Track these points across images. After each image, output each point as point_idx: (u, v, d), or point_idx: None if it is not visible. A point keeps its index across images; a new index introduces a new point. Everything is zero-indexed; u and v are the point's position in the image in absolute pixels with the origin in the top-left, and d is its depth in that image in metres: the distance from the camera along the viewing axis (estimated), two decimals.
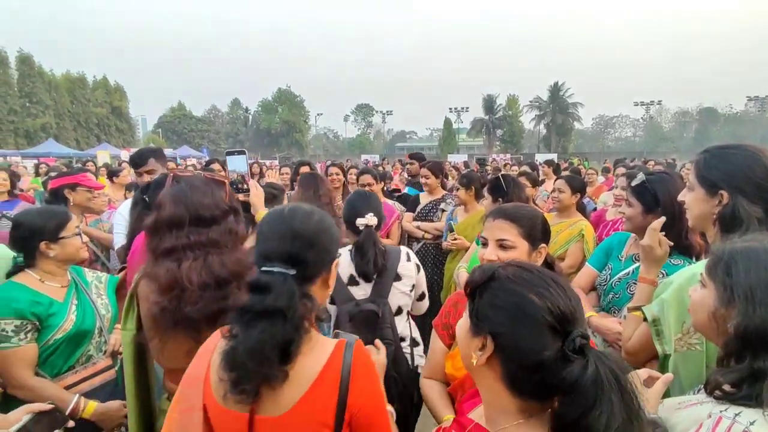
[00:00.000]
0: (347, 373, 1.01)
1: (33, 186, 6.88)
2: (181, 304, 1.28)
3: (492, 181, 2.79)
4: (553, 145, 53.81)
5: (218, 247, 1.35)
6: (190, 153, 29.44)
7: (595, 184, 6.32)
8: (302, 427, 0.99)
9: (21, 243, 1.86)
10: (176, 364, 1.38)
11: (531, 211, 1.51)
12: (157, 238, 1.35)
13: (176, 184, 1.42)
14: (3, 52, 33.08)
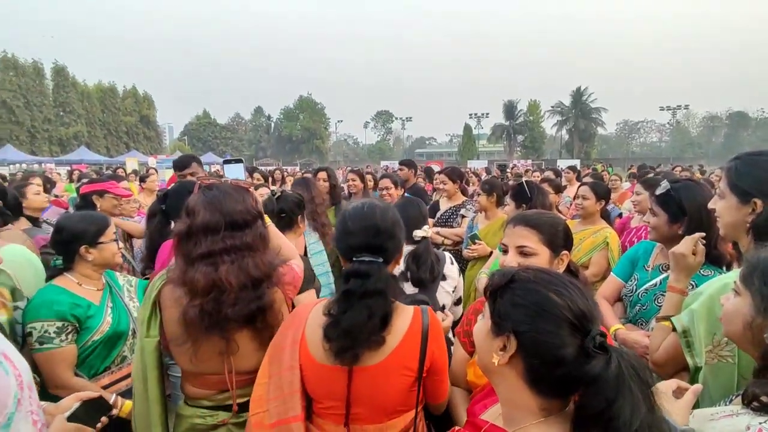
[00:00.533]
0: (426, 330, 1.26)
1: (66, 192, 7.14)
2: (220, 306, 1.35)
3: (516, 188, 2.76)
4: (575, 151, 52.89)
5: (251, 250, 1.41)
6: (214, 160, 30.12)
7: (620, 190, 6.19)
8: (393, 372, 1.24)
9: (62, 246, 1.91)
10: (206, 367, 1.44)
11: (552, 217, 1.49)
12: (190, 243, 1.38)
13: (208, 191, 1.46)
14: (39, 63, 34.64)
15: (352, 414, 1.27)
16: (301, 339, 1.29)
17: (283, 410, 1.28)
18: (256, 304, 1.39)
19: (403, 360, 1.24)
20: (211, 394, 1.49)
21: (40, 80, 34.70)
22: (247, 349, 1.44)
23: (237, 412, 1.49)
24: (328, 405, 1.30)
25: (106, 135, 39.45)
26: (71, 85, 36.81)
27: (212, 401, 1.50)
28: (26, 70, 33.54)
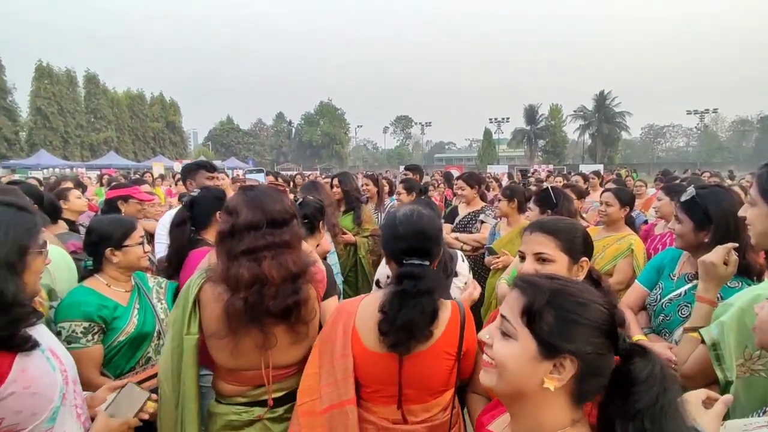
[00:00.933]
0: (463, 320, 1.44)
1: (95, 196, 7.36)
2: (262, 298, 1.42)
3: (540, 193, 2.73)
4: (598, 156, 51.80)
5: (289, 248, 1.49)
6: (237, 164, 30.72)
7: (645, 196, 6.02)
8: (437, 357, 1.40)
9: (91, 248, 1.95)
10: (244, 362, 1.50)
11: (570, 224, 1.47)
12: (234, 240, 1.45)
13: (249, 192, 1.54)
14: (72, 72, 36.03)
15: (403, 396, 1.43)
16: (353, 330, 1.43)
17: (336, 395, 1.41)
18: (293, 298, 1.46)
19: (445, 346, 1.41)
20: (246, 390, 1.54)
21: (73, 88, 36.03)
22: (283, 343, 1.51)
23: (272, 406, 1.54)
24: (377, 389, 1.44)
25: (134, 140, 40.66)
26: (102, 92, 38.15)
27: (246, 397, 1.54)
28: (60, 78, 34.91)
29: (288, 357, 1.55)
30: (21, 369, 1.12)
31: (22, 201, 1.27)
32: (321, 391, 1.42)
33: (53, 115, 33.71)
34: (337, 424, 1.40)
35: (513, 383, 0.83)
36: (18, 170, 20.27)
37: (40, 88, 33.52)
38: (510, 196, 3.41)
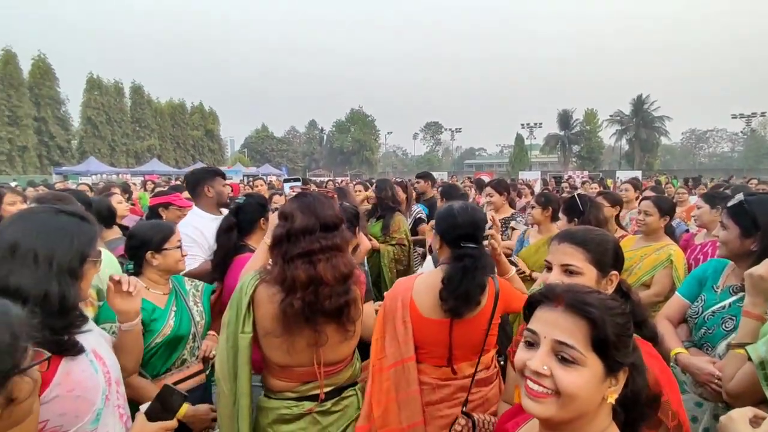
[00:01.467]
0: (497, 292, 1.74)
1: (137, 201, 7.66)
2: (318, 298, 1.51)
3: (567, 201, 2.62)
4: (636, 162, 49.94)
5: (340, 251, 1.60)
6: (270, 171, 31.52)
7: (686, 204, 5.72)
8: (479, 324, 1.72)
9: (133, 252, 2.01)
10: (297, 359, 1.59)
11: (601, 234, 1.42)
12: (289, 244, 1.54)
13: (303, 198, 1.66)
14: (120, 83, 38.01)
15: (453, 356, 1.72)
16: (410, 302, 1.72)
17: (398, 354, 1.71)
18: (345, 297, 1.57)
19: (487, 313, 1.72)
20: (296, 385, 1.63)
21: (120, 98, 37.88)
22: (333, 341, 1.60)
23: (322, 400, 1.64)
24: (430, 350, 1.74)
25: (175, 148, 42.30)
26: (146, 102, 39.90)
27: (296, 392, 1.63)
28: (109, 89, 36.82)
29: (337, 354, 1.65)
30: (65, 372, 1.14)
31: (83, 211, 1.33)
32: (386, 351, 1.72)
33: (102, 124, 35.55)
34: (399, 377, 1.71)
35: (579, 410, 0.81)
36: (70, 176, 21.54)
37: (90, 99, 35.47)
38: (544, 204, 3.30)
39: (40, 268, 1.13)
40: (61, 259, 1.16)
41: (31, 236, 1.16)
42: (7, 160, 29.73)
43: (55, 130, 33.16)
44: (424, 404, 1.74)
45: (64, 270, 1.16)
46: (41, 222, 1.20)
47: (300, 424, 1.62)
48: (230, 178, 20.83)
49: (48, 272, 1.13)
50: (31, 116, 31.20)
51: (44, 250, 1.15)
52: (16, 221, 1.22)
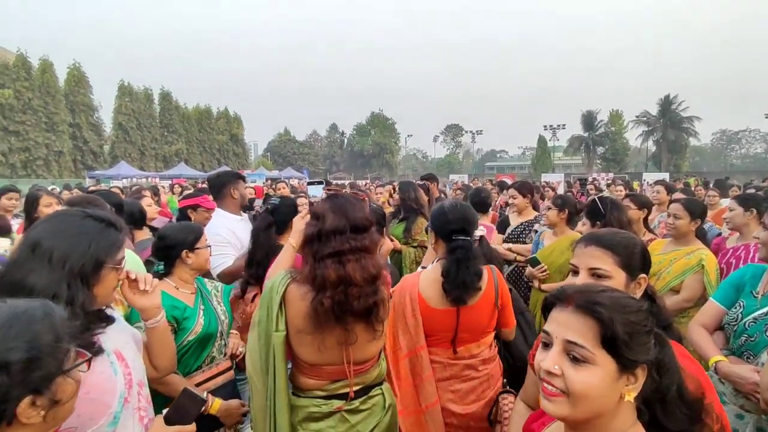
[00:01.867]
0: (497, 278, 1.99)
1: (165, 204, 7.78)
2: (348, 298, 1.52)
3: (589, 204, 2.56)
4: (663, 164, 48.43)
5: (369, 252, 1.60)
6: (292, 174, 32.03)
7: (717, 207, 5.45)
8: (483, 306, 1.95)
9: (164, 252, 2.04)
10: (327, 357, 1.60)
11: (628, 237, 1.39)
12: (320, 244, 1.56)
13: (334, 199, 1.67)
14: (149, 90, 39.29)
15: (458, 338, 1.96)
16: (418, 296, 1.95)
17: (411, 344, 1.96)
18: (374, 298, 1.57)
19: (488, 298, 1.95)
20: (324, 384, 1.63)
21: (149, 104, 39.05)
22: (362, 340, 1.60)
23: (351, 399, 1.64)
24: (439, 336, 1.97)
25: (201, 152, 43.20)
26: (174, 108, 41.02)
27: (325, 391, 1.63)
28: (139, 96, 38.02)
29: (366, 353, 1.65)
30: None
31: (113, 217, 1.32)
32: (400, 344, 1.96)
33: (132, 129, 36.69)
34: (414, 365, 1.95)
35: (593, 409, 0.81)
36: (102, 180, 22.48)
37: (121, 105, 36.63)
38: (561, 206, 3.26)
39: (54, 270, 1.13)
40: (74, 263, 1.15)
41: (52, 237, 1.17)
42: (45, 165, 31.05)
43: (89, 135, 34.46)
44: (438, 380, 1.96)
45: (76, 273, 1.15)
46: (65, 224, 1.21)
47: (329, 422, 1.63)
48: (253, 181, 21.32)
49: (60, 274, 1.13)
50: (66, 122, 32.50)
51: (59, 252, 1.15)
52: (45, 221, 1.24)
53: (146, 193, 4.56)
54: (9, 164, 29.42)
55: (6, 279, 1.12)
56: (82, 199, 2.75)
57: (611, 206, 2.51)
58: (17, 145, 29.67)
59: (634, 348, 0.79)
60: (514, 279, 3.83)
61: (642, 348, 0.80)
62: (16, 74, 29.77)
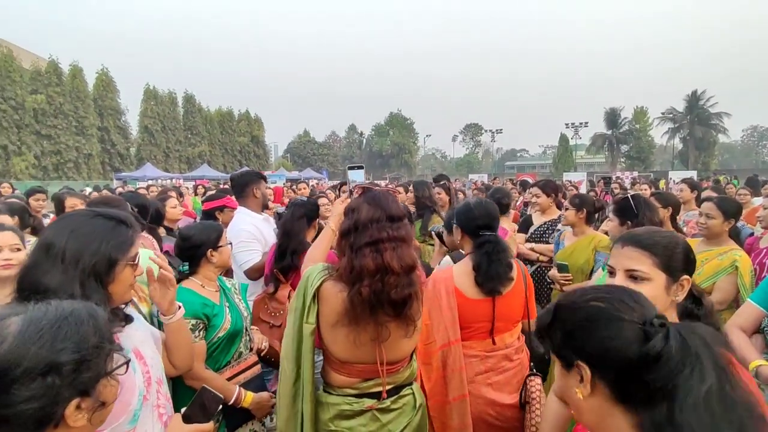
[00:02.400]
0: (524, 270, 2.16)
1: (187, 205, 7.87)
2: (385, 287, 1.50)
3: (620, 202, 2.45)
4: (691, 161, 46.95)
5: (405, 242, 1.59)
6: (312, 175, 32.38)
7: (749, 206, 5.30)
8: (516, 295, 2.08)
9: (189, 252, 2.08)
10: (359, 354, 1.59)
11: (669, 236, 1.31)
12: (357, 234, 1.56)
13: (368, 192, 1.70)
14: (173, 93, 40.22)
15: (495, 327, 2.04)
16: (454, 289, 2.01)
17: (446, 337, 1.99)
18: (410, 289, 1.54)
19: (519, 288, 2.08)
20: (356, 382, 1.63)
21: (173, 108, 39.89)
22: (395, 336, 1.58)
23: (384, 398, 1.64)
24: (476, 327, 2.03)
25: (223, 154, 43.93)
26: (197, 110, 41.77)
27: (356, 389, 1.63)
28: (164, 99, 38.94)
29: (398, 352, 1.64)
30: None
31: (123, 215, 1.31)
32: (434, 336, 2.00)
33: (157, 132, 37.61)
34: (447, 357, 1.98)
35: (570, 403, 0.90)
36: (128, 181, 23.13)
37: (147, 108, 37.61)
38: (579, 206, 3.21)
39: (68, 270, 1.13)
40: (86, 262, 1.16)
41: (64, 237, 1.17)
42: (75, 167, 32.15)
43: (116, 138, 35.48)
44: (475, 374, 2.01)
45: (89, 272, 1.15)
46: (75, 224, 1.21)
47: (360, 420, 1.63)
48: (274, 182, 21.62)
49: (73, 274, 1.14)
50: (95, 126, 33.53)
51: (71, 251, 1.15)
52: (56, 222, 1.25)
53: (172, 194, 4.67)
54: (42, 167, 30.55)
55: (25, 280, 1.14)
56: (102, 200, 2.81)
57: (644, 206, 2.38)
58: (49, 149, 30.77)
59: (564, 342, 0.85)
60: (536, 279, 3.78)
61: (576, 343, 0.83)
62: (48, 80, 30.89)
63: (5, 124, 28.12)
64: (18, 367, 0.76)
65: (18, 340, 0.78)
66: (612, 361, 0.78)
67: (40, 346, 0.79)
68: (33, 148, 29.82)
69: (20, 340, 0.79)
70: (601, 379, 0.80)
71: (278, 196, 8.49)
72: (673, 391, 0.71)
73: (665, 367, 0.72)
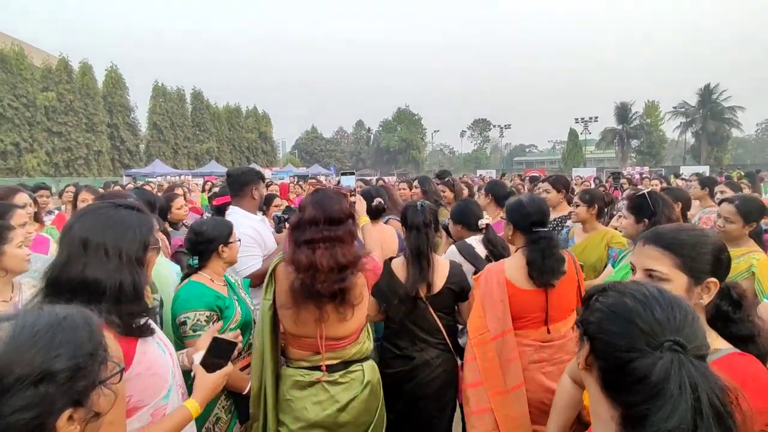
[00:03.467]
0: (575, 261, 2.19)
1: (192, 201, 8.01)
2: (314, 282, 1.73)
3: (635, 199, 2.36)
4: (703, 156, 46.21)
5: (342, 242, 1.78)
6: (320, 171, 32.41)
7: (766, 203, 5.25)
8: (568, 285, 2.12)
9: (200, 247, 2.11)
10: (305, 330, 1.84)
11: (696, 235, 1.24)
12: (299, 232, 1.79)
13: (316, 194, 1.89)
14: (181, 90, 40.43)
15: (549, 317, 2.08)
16: (506, 281, 2.06)
17: (500, 327, 2.05)
18: (339, 285, 1.75)
19: (571, 277, 2.13)
20: (308, 355, 1.87)
21: (182, 104, 40.10)
22: (334, 319, 1.81)
23: (326, 371, 1.86)
24: (529, 317, 2.08)
25: (231, 150, 44.11)
26: (205, 107, 41.97)
27: (308, 362, 1.87)
28: (172, 96, 39.18)
29: (339, 331, 1.85)
30: (142, 352, 1.25)
31: (137, 204, 1.38)
32: (488, 327, 2.05)
33: (166, 129, 37.88)
34: (501, 347, 2.04)
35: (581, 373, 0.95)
36: (138, 178, 23.35)
37: (156, 105, 37.87)
38: (589, 201, 3.16)
39: (111, 261, 1.20)
40: (129, 250, 1.23)
41: (99, 231, 1.22)
42: (85, 164, 32.52)
43: (126, 135, 35.81)
44: (529, 362, 2.06)
45: (133, 260, 1.24)
46: (105, 217, 1.27)
47: (312, 390, 1.86)
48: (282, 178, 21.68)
49: (119, 263, 1.21)
50: (105, 123, 33.87)
51: (112, 243, 1.22)
52: (82, 218, 1.28)
53: (179, 192, 4.66)
54: (53, 163, 30.94)
55: (63, 276, 1.17)
56: (111, 194, 2.92)
57: (662, 203, 2.26)
58: (60, 146, 31.16)
59: (585, 318, 0.87)
60: None
61: (590, 321, 0.85)
62: (59, 77, 31.22)
63: (17, 121, 28.50)
64: (10, 374, 0.71)
65: (10, 346, 0.74)
66: (607, 356, 0.81)
67: (35, 353, 0.74)
68: (44, 145, 30.21)
69: (13, 345, 0.74)
70: (595, 360, 0.84)
71: (284, 193, 8.49)
72: (643, 420, 0.71)
73: (642, 391, 0.72)
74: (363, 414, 1.89)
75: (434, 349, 2.26)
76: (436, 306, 2.26)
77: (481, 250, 2.61)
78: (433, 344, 2.26)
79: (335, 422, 1.85)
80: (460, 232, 2.82)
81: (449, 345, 2.30)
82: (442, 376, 2.25)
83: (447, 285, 2.26)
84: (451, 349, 2.31)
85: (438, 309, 2.27)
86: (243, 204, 2.99)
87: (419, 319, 2.25)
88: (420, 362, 2.23)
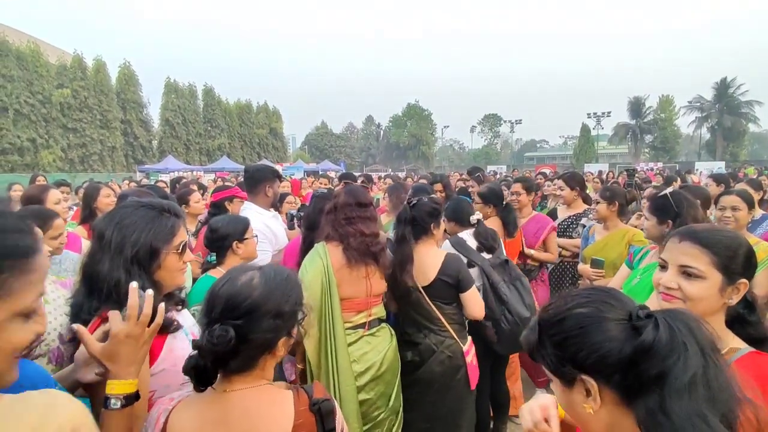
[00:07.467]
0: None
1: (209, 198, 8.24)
2: (363, 245, 2.21)
3: (657, 200, 2.29)
4: (718, 152, 45.37)
5: (369, 219, 2.29)
6: (329, 167, 32.47)
7: None
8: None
9: (217, 243, 2.17)
10: (357, 290, 2.23)
11: (732, 236, 1.26)
12: (338, 213, 2.27)
13: (348, 186, 2.47)
14: (193, 86, 40.72)
15: None
16: None
17: None
18: (377, 246, 2.25)
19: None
20: (351, 316, 2.23)
21: (193, 100, 40.37)
22: (376, 276, 2.27)
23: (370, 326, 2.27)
24: None
25: (242, 146, 44.25)
26: (217, 103, 42.15)
27: (351, 323, 2.23)
28: (184, 92, 39.46)
29: (377, 287, 2.29)
30: (169, 349, 1.28)
31: (168, 204, 1.37)
32: None
33: (178, 125, 38.18)
34: None
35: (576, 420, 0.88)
36: (151, 174, 23.64)
37: (168, 101, 38.19)
38: (610, 198, 3.15)
39: (113, 258, 1.23)
40: (128, 251, 1.23)
41: (111, 227, 1.27)
42: (99, 160, 32.97)
43: (139, 131, 36.15)
44: None
45: (131, 260, 1.23)
46: (120, 215, 1.30)
47: (357, 345, 2.24)
48: (292, 174, 21.78)
49: (118, 262, 1.22)
50: (118, 119, 34.22)
51: (115, 242, 1.24)
52: (109, 214, 1.35)
53: (194, 188, 4.72)
54: (68, 159, 31.43)
55: (87, 269, 1.28)
56: (132, 191, 2.95)
57: (686, 203, 2.18)
58: (75, 142, 31.59)
59: (559, 358, 0.81)
60: (559, 276, 3.78)
61: (570, 355, 0.80)
62: (73, 74, 31.61)
63: (33, 117, 28.94)
64: (264, 306, 1.09)
65: (265, 289, 1.11)
66: (612, 364, 0.76)
67: (277, 296, 1.11)
68: (60, 141, 30.66)
69: (266, 289, 1.11)
70: (606, 385, 0.78)
71: (296, 189, 8.56)
72: (663, 378, 0.72)
73: (656, 356, 0.73)
74: (394, 362, 2.31)
75: (437, 336, 2.43)
76: (432, 296, 2.41)
77: (473, 242, 2.84)
78: (436, 331, 2.44)
79: (377, 372, 2.22)
80: (453, 228, 3.02)
81: (452, 333, 2.44)
82: (446, 362, 2.41)
83: (440, 276, 2.40)
84: (455, 336, 2.44)
85: (435, 298, 2.42)
86: (257, 200, 3.10)
87: (418, 308, 2.44)
88: (424, 348, 2.43)
